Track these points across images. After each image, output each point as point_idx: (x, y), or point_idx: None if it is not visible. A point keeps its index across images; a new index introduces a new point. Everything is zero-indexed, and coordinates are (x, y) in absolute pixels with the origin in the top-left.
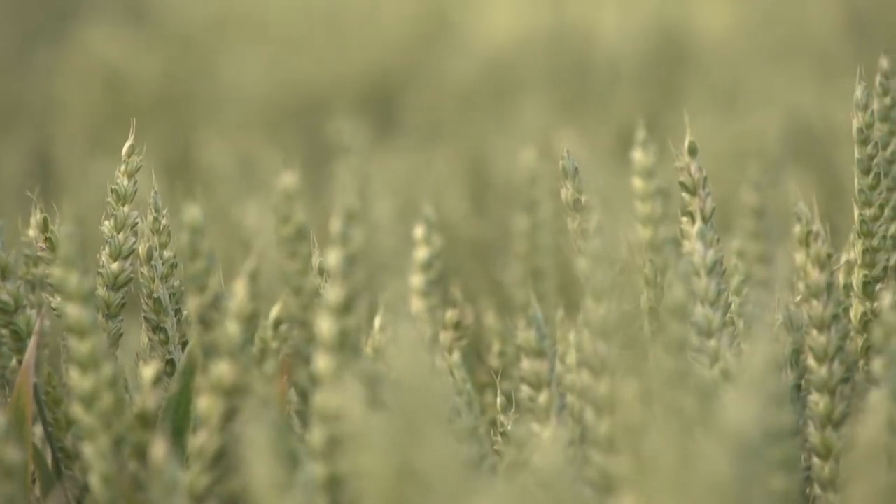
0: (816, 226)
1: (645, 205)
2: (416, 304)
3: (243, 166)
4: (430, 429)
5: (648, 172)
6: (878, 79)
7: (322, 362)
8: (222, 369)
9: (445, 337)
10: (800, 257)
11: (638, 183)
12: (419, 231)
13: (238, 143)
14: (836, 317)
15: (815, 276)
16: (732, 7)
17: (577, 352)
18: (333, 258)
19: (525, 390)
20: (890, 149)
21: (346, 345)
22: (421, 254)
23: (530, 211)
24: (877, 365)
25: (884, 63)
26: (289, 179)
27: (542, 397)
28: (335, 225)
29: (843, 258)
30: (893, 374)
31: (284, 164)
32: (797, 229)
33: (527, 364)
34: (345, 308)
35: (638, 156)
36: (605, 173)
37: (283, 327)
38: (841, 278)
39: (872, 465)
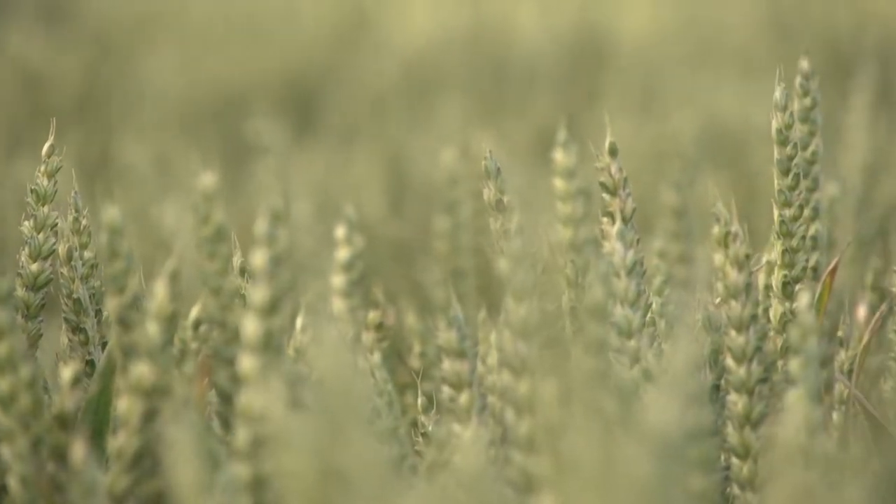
0: (735, 226)
1: (566, 205)
2: (338, 305)
3: (162, 166)
4: (353, 429)
5: (569, 173)
6: (798, 80)
7: (246, 363)
8: (142, 370)
9: (367, 337)
10: (718, 258)
11: (559, 183)
12: (340, 231)
13: (157, 143)
14: (754, 317)
15: (734, 276)
16: (652, 8)
17: (498, 352)
18: (259, 259)
19: (446, 391)
20: (810, 149)
21: (271, 345)
22: (342, 254)
23: (451, 211)
24: (794, 365)
25: (804, 64)
26: (208, 180)
27: (463, 398)
28: (260, 225)
29: (763, 259)
30: (810, 374)
31: (203, 164)
32: (716, 230)
33: (448, 365)
34: (270, 309)
35: (559, 156)
36: (524, 173)
37: (203, 328)
38: (761, 279)
39: (790, 465)
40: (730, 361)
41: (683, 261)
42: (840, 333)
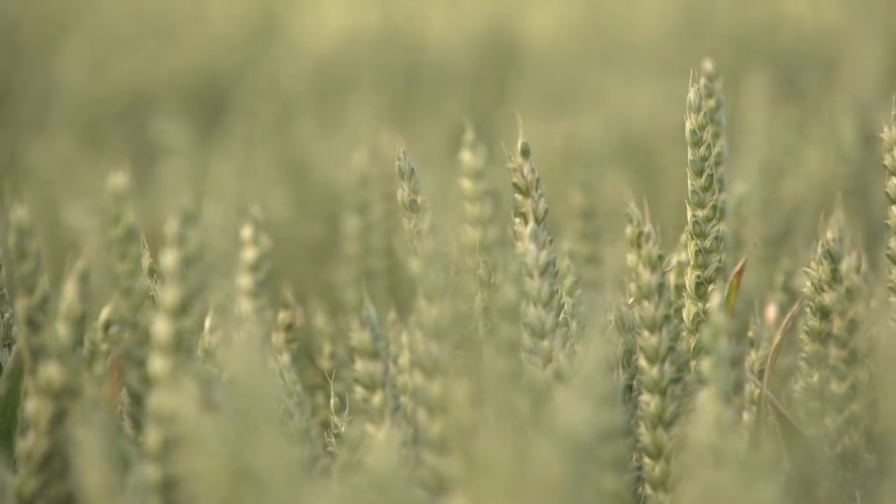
0: (647, 227)
1: (474, 206)
2: (245, 305)
3: (69, 167)
4: (264, 430)
5: (477, 174)
6: (702, 81)
7: (157, 364)
8: (51, 371)
9: (277, 338)
10: (631, 258)
11: (466, 184)
12: (247, 232)
13: (64, 144)
14: (667, 317)
15: (647, 277)
16: (562, 7)
17: (409, 353)
18: (169, 259)
19: (359, 391)
20: (716, 150)
21: (182, 346)
22: (249, 254)
23: (361, 212)
24: (705, 365)
25: (708, 65)
26: (118, 180)
27: (376, 398)
28: (171, 226)
29: (675, 259)
30: (721, 374)
31: (111, 165)
32: (628, 230)
33: (361, 365)
34: (181, 309)
35: (466, 157)
36: (436, 174)
37: (114, 329)
38: (673, 279)
39: (702, 465)
40: (643, 362)
41: (592, 262)
42: (751, 334)
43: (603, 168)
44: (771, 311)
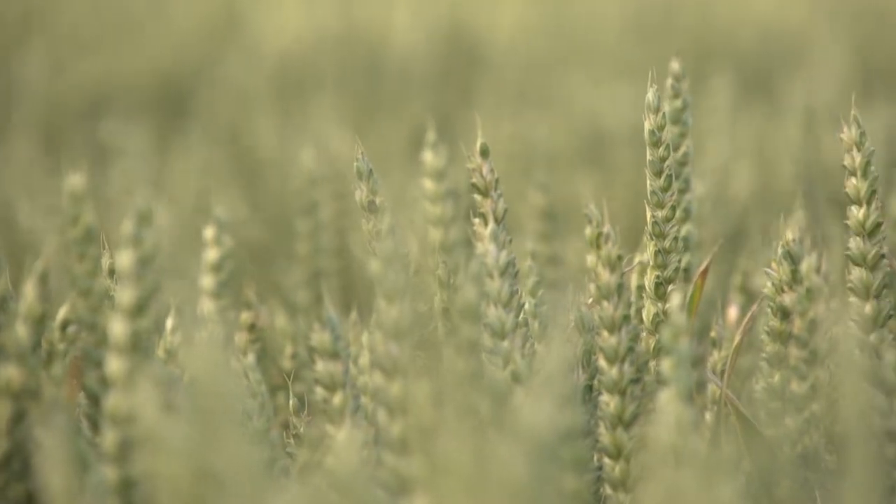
0: (607, 227)
1: (435, 206)
2: (207, 306)
3: (29, 168)
4: (225, 431)
5: (438, 174)
6: (668, 81)
7: (114, 364)
8: (10, 372)
9: (240, 339)
10: (591, 259)
11: (428, 184)
12: (209, 232)
13: (24, 145)
14: (626, 318)
15: (606, 277)
16: (523, 8)
17: (369, 353)
18: (125, 259)
19: (319, 392)
20: (681, 151)
21: (139, 347)
22: (211, 255)
23: (310, 212)
24: (666, 365)
25: (675, 66)
26: (76, 181)
27: (337, 399)
28: (127, 226)
29: (636, 259)
30: (682, 375)
31: (69, 166)
32: (588, 231)
33: (321, 366)
34: (137, 310)
35: (428, 157)
36: (398, 174)
37: (71, 329)
38: (634, 279)
39: (662, 465)
40: (602, 362)
41: (553, 262)
42: (713, 334)
43: (565, 168)
44: (732, 312)
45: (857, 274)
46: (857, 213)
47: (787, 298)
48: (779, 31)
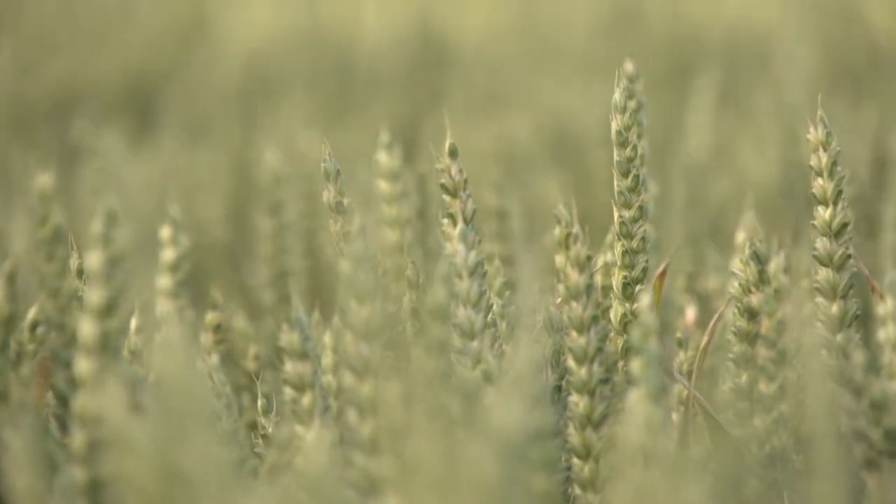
0: (576, 228)
1: (391, 207)
2: (165, 306)
3: None
4: (195, 431)
5: (393, 175)
6: (623, 82)
7: (83, 365)
8: None
9: (205, 339)
10: (560, 259)
11: (383, 186)
12: (166, 232)
13: None
14: (595, 318)
15: (575, 277)
16: (493, 8)
17: (333, 354)
18: (94, 260)
19: (288, 392)
20: (638, 151)
21: (108, 347)
22: (168, 255)
23: (275, 213)
24: (635, 365)
25: (629, 67)
26: (45, 180)
27: (306, 399)
28: (96, 226)
29: (602, 260)
30: (651, 375)
31: (38, 166)
32: (557, 231)
33: (290, 366)
34: (106, 310)
35: (383, 158)
36: (366, 174)
37: (40, 329)
38: (600, 280)
39: (631, 465)
40: (571, 362)
41: (508, 262)
42: (679, 335)
43: (536, 168)
44: (690, 313)
45: (823, 274)
46: (823, 213)
47: (754, 299)
48: (748, 31)
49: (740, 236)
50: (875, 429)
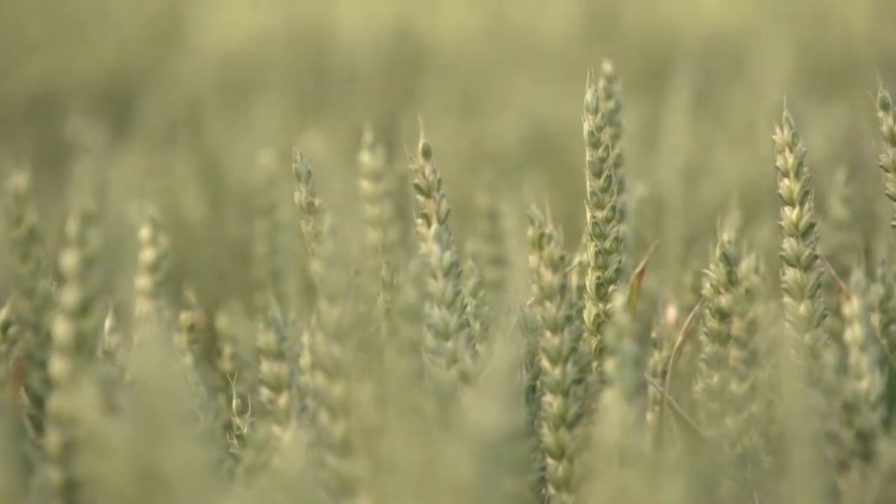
0: (549, 228)
1: (373, 207)
2: (144, 306)
3: None
4: (172, 431)
5: (376, 175)
6: (601, 83)
7: (58, 365)
8: None
9: (180, 339)
10: (533, 259)
11: (366, 185)
12: (145, 232)
13: None
14: (568, 318)
15: (549, 277)
16: (469, 10)
17: (311, 354)
18: (70, 260)
19: (265, 392)
20: (615, 152)
21: (83, 348)
22: (147, 255)
23: (268, 213)
24: (609, 365)
25: (607, 67)
26: (20, 180)
27: (282, 400)
28: (72, 226)
29: (577, 260)
30: (626, 375)
31: (15, 165)
32: (530, 232)
33: (266, 366)
34: (82, 310)
35: (366, 158)
36: (343, 174)
37: (13, 330)
38: (574, 280)
39: (606, 465)
40: (545, 362)
41: (497, 262)
42: (654, 335)
43: (515, 169)
44: (671, 313)
45: (791, 275)
46: (790, 213)
47: (724, 300)
48: (725, 31)
49: (725, 236)
50: (847, 430)
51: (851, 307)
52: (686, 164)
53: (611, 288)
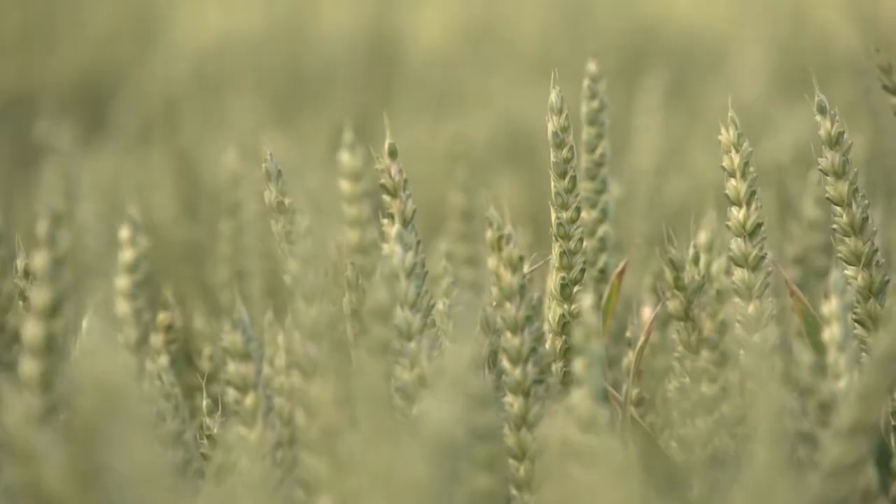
0: (508, 229)
1: (352, 207)
2: (122, 307)
3: None
4: (123, 432)
5: (355, 175)
6: (585, 82)
7: (27, 366)
8: None
9: (156, 340)
10: (492, 261)
11: (345, 185)
12: (124, 232)
13: None
14: (528, 319)
15: (508, 278)
16: (446, 11)
17: (286, 354)
18: (39, 260)
19: (231, 393)
20: (598, 152)
21: (53, 348)
22: (126, 255)
23: (234, 213)
24: (577, 365)
25: (591, 67)
26: None
27: (249, 400)
28: (41, 227)
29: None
30: (594, 375)
31: None
32: (489, 234)
33: (233, 367)
34: (51, 311)
35: (345, 158)
36: (319, 174)
37: None
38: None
39: (566, 465)
40: (505, 363)
41: (471, 263)
42: (627, 334)
43: (489, 169)
44: (647, 312)
45: (739, 275)
46: (737, 214)
47: (670, 304)
48: (701, 30)
49: (702, 236)
50: (822, 430)
51: (829, 307)
52: (659, 164)
53: (576, 288)
